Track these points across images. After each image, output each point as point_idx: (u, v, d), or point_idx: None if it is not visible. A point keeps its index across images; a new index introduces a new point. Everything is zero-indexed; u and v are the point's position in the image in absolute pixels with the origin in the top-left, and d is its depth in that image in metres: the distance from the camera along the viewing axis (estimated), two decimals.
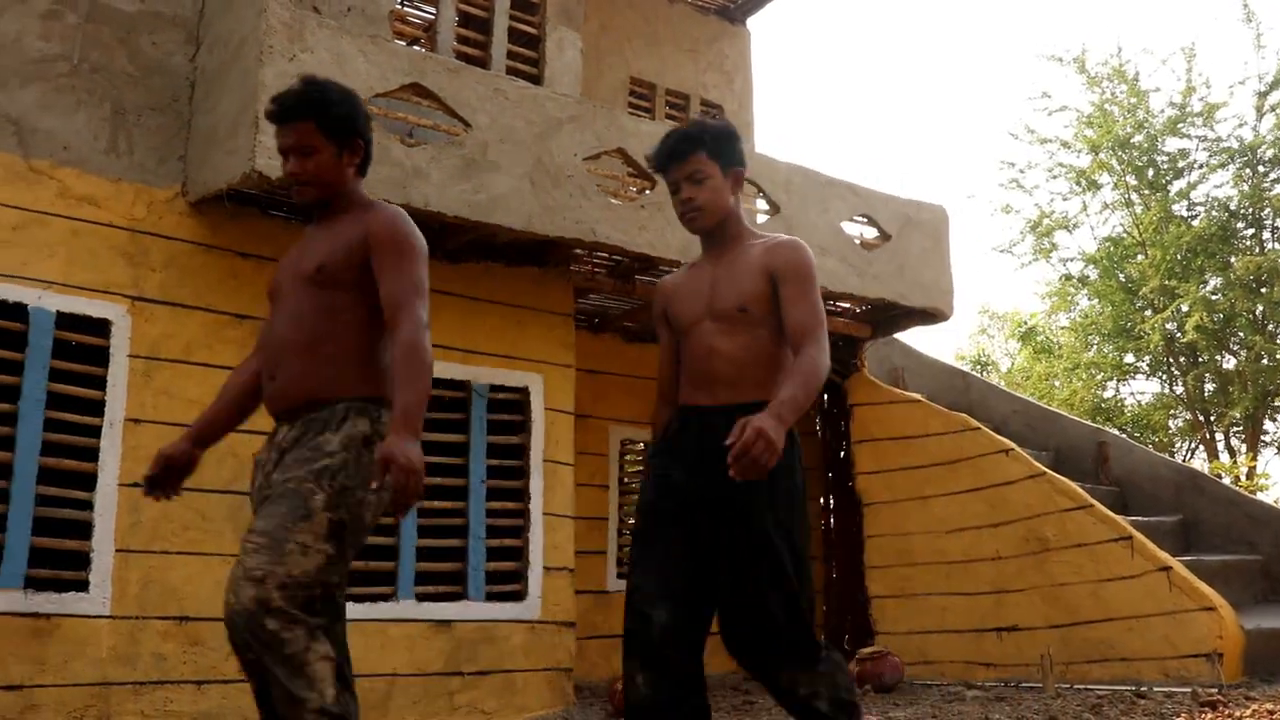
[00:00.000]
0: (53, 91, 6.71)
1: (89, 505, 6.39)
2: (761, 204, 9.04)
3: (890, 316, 10.03)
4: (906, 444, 9.73)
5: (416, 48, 8.41)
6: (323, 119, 3.64)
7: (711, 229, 3.76)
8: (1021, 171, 22.40)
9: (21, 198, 6.46)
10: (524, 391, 8.05)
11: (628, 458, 10.42)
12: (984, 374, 29.11)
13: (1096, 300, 22.21)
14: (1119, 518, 8.35)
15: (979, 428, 9.38)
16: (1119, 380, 22.87)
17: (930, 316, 9.91)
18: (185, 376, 6.77)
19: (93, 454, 6.45)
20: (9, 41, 6.61)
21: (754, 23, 12.49)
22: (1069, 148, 21.51)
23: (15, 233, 6.38)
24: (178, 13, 7.25)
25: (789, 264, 3.63)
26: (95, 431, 6.48)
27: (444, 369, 7.71)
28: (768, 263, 3.63)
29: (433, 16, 8.55)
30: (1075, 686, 7.97)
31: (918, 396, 9.94)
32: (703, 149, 3.70)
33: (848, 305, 9.99)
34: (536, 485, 7.95)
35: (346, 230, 3.50)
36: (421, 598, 7.38)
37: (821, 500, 11.10)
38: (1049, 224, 22.19)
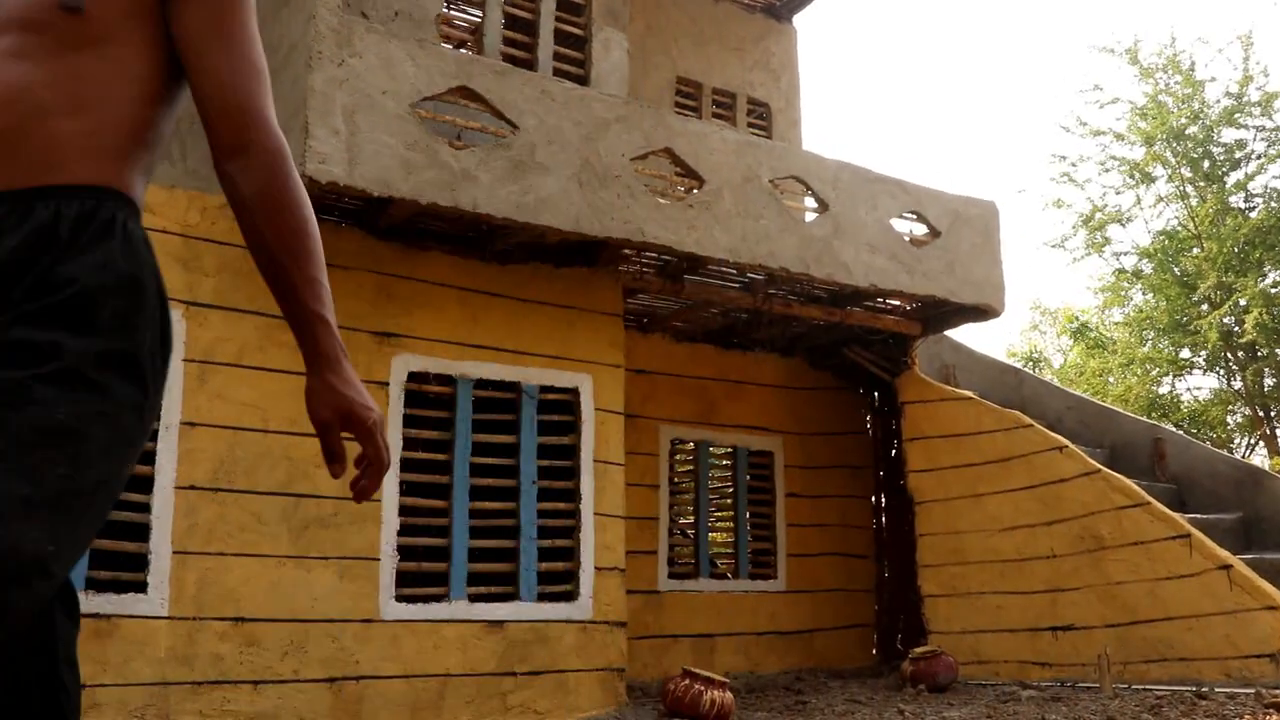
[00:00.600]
0: None
1: (146, 508, 6.49)
2: (810, 202, 9.00)
3: (941, 313, 9.96)
4: (958, 442, 9.65)
5: (463, 51, 8.46)
6: None
7: None
8: (1073, 165, 22.17)
9: None
10: (574, 392, 8.06)
11: (678, 457, 10.42)
12: (1036, 370, 28.83)
13: (1151, 295, 21.92)
14: (1177, 515, 8.23)
15: (1032, 424, 9.28)
16: (1175, 376, 22.55)
17: (981, 313, 9.82)
18: (239, 380, 6.85)
19: (149, 457, 6.55)
20: None
21: (800, 20, 12.47)
22: (1122, 140, 21.25)
23: None
24: None
25: None
26: (151, 435, 6.56)
27: (494, 370, 7.75)
28: None
29: (479, 19, 8.59)
30: (1133, 687, 7.87)
31: (969, 394, 9.86)
32: None
33: (898, 302, 9.92)
34: (587, 485, 7.96)
35: None
36: (474, 598, 7.42)
37: (873, 499, 11.05)
38: (1102, 218, 21.93)
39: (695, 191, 8.18)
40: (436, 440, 7.60)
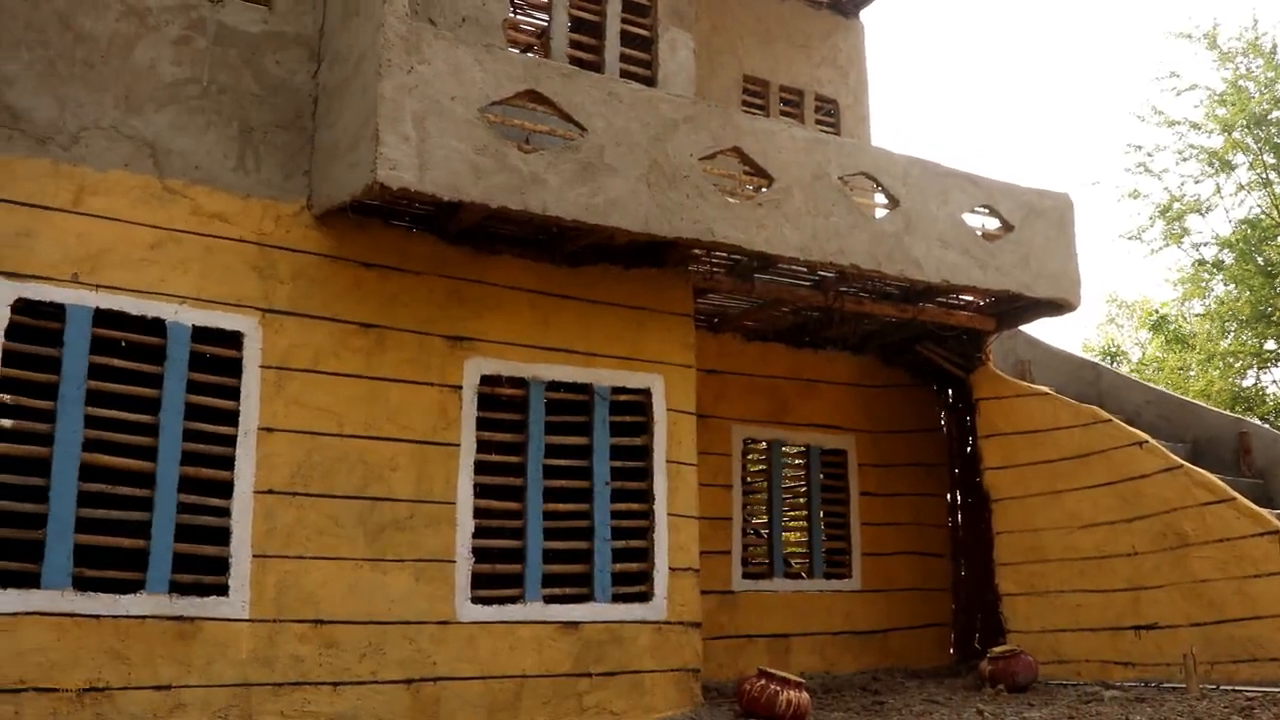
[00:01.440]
0: (184, 113, 6.94)
1: (227, 512, 6.59)
2: (880, 198, 8.92)
3: (1015, 308, 9.82)
4: (1035, 438, 9.51)
5: (530, 55, 8.49)
6: None
7: None
8: (1149, 155, 21.76)
9: (157, 217, 6.70)
10: (645, 393, 8.07)
11: (750, 457, 10.38)
12: (1113, 365, 28.34)
13: (1233, 286, 21.43)
14: (1264, 511, 8.05)
15: (1110, 420, 9.12)
16: (1259, 368, 22.02)
17: (1056, 307, 9.67)
18: (314, 385, 6.94)
19: (228, 462, 6.65)
20: (144, 69, 6.85)
21: (867, 15, 12.34)
22: (1199, 129, 20.83)
23: (153, 251, 6.61)
24: (300, 32, 7.44)
25: None
26: (230, 440, 6.68)
27: (565, 372, 7.77)
28: None
29: (545, 23, 8.62)
30: (1221, 687, 7.70)
31: (1045, 389, 9.71)
32: None
33: (971, 298, 9.80)
34: (660, 486, 7.96)
35: None
36: (549, 599, 7.45)
37: (948, 497, 10.94)
38: (1180, 208, 21.51)
39: (764, 190, 8.15)
40: (510, 443, 7.64)
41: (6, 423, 6.12)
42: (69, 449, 6.21)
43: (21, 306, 6.26)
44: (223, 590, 6.49)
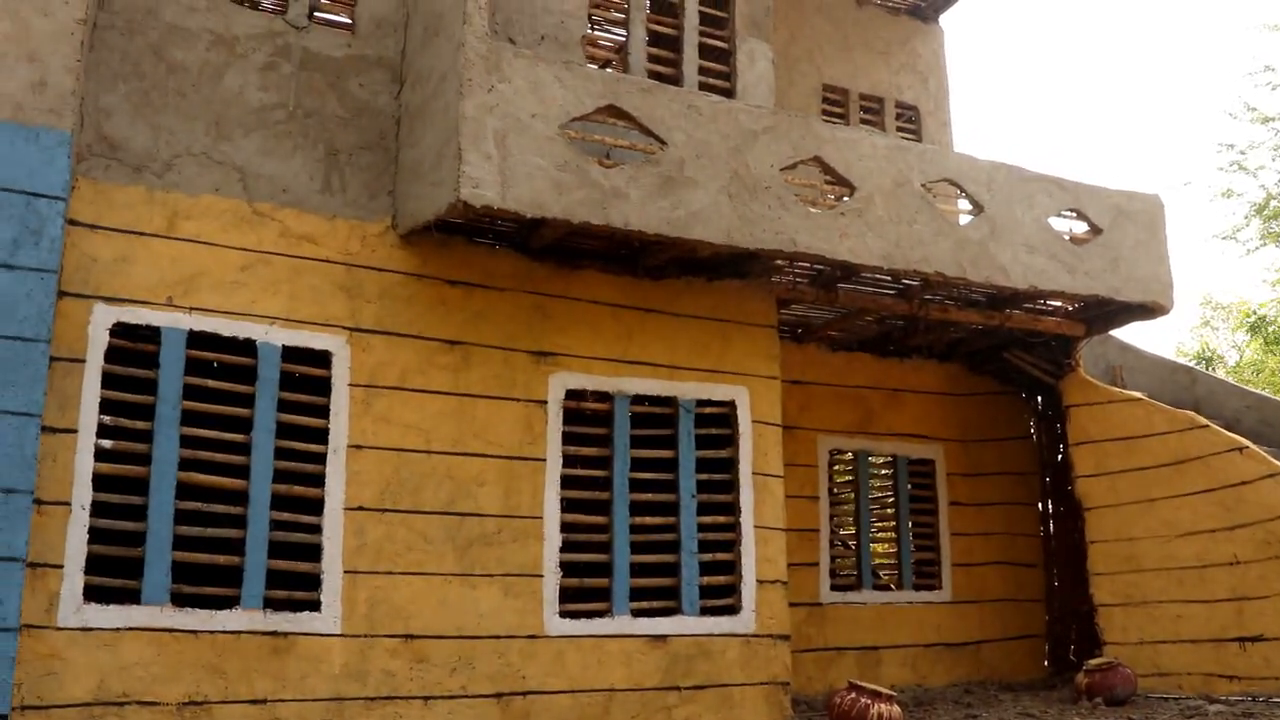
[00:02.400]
0: (272, 138, 7.08)
1: (318, 529, 6.70)
2: (964, 204, 8.81)
3: (1105, 313, 9.63)
4: (1129, 445, 9.31)
5: (609, 70, 8.53)
6: None
7: None
8: (1243, 153, 21.25)
9: (247, 240, 6.84)
10: (730, 405, 8.04)
11: (837, 467, 10.31)
12: (1209, 369, 27.67)
13: None
14: None
15: (1207, 425, 8.90)
16: None
17: (1148, 311, 9.47)
18: (402, 402, 7.02)
19: (319, 480, 6.76)
20: (232, 95, 7.01)
21: (947, 19, 12.23)
22: None
23: (243, 273, 6.74)
24: (382, 54, 7.55)
25: None
26: (320, 458, 6.78)
27: (650, 385, 7.78)
28: None
29: (623, 38, 8.66)
30: None
31: (1139, 395, 9.51)
32: None
33: (1059, 303, 9.64)
34: (746, 498, 7.93)
35: None
36: (637, 613, 7.45)
37: (1039, 506, 10.75)
38: (1277, 206, 20.95)
39: (846, 199, 8.09)
40: (595, 457, 7.66)
41: (106, 443, 6.28)
42: (166, 468, 6.35)
43: (119, 330, 6.43)
44: (315, 606, 6.59)
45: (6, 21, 6.15)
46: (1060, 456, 10.48)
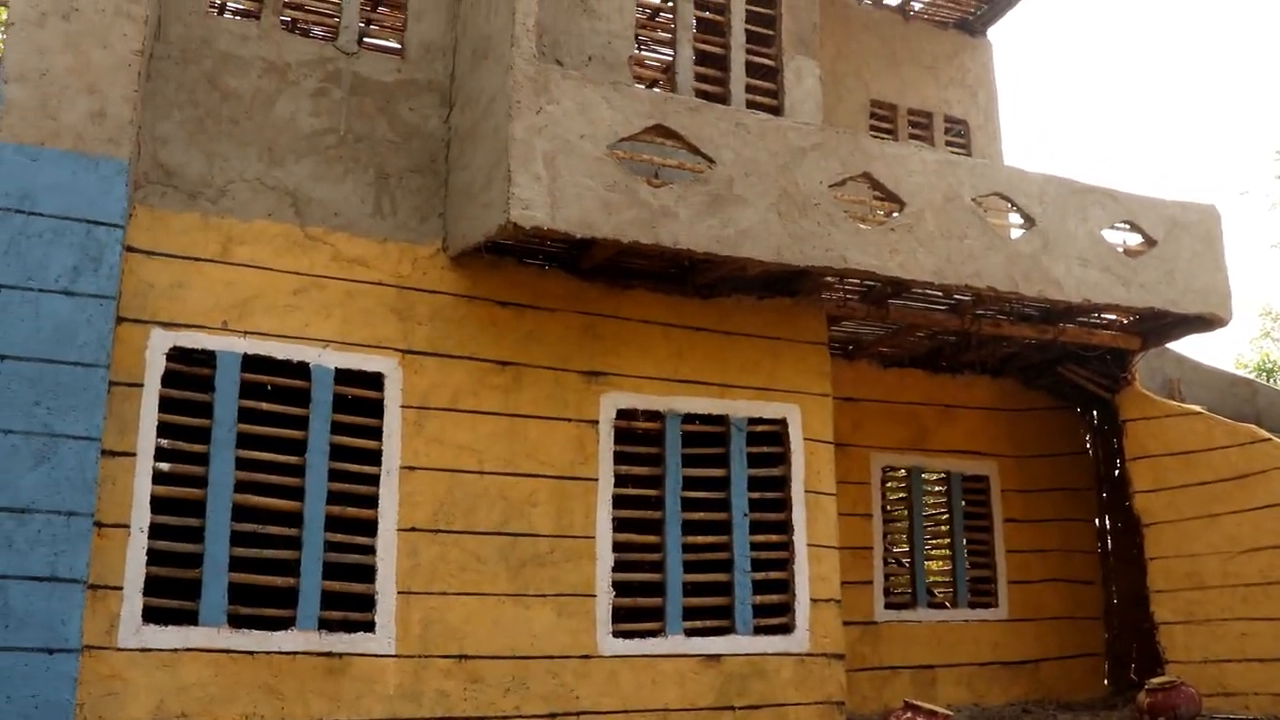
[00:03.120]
0: (323, 163, 7.16)
1: (372, 550, 6.74)
2: (1015, 218, 8.74)
3: (1161, 326, 9.51)
4: (1188, 459, 9.17)
5: (656, 90, 8.55)
6: None
7: None
8: None
9: (300, 264, 6.91)
10: (782, 423, 8.01)
11: (890, 485, 10.23)
12: (1270, 381, 27.22)
13: None
14: None
15: (1270, 438, 8.76)
16: None
17: (1206, 323, 9.33)
18: (454, 424, 7.05)
19: (372, 501, 6.80)
20: (284, 121, 7.10)
21: (995, 32, 12.14)
22: None
23: (296, 296, 6.81)
24: (431, 78, 7.62)
25: None
26: (374, 480, 6.83)
27: (701, 404, 7.77)
28: None
29: (670, 57, 8.68)
30: None
31: (1197, 408, 9.37)
32: None
33: (1113, 316, 9.53)
34: (799, 516, 7.89)
35: None
36: (690, 633, 7.42)
37: (1096, 522, 10.61)
38: None
39: (896, 215, 8.05)
40: (647, 476, 7.66)
41: (164, 466, 6.36)
42: (222, 490, 6.42)
43: (176, 354, 6.51)
44: (369, 627, 6.63)
45: (68, 55, 6.28)
46: (1117, 472, 10.35)
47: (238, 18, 8.07)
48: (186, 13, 7.04)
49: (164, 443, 6.37)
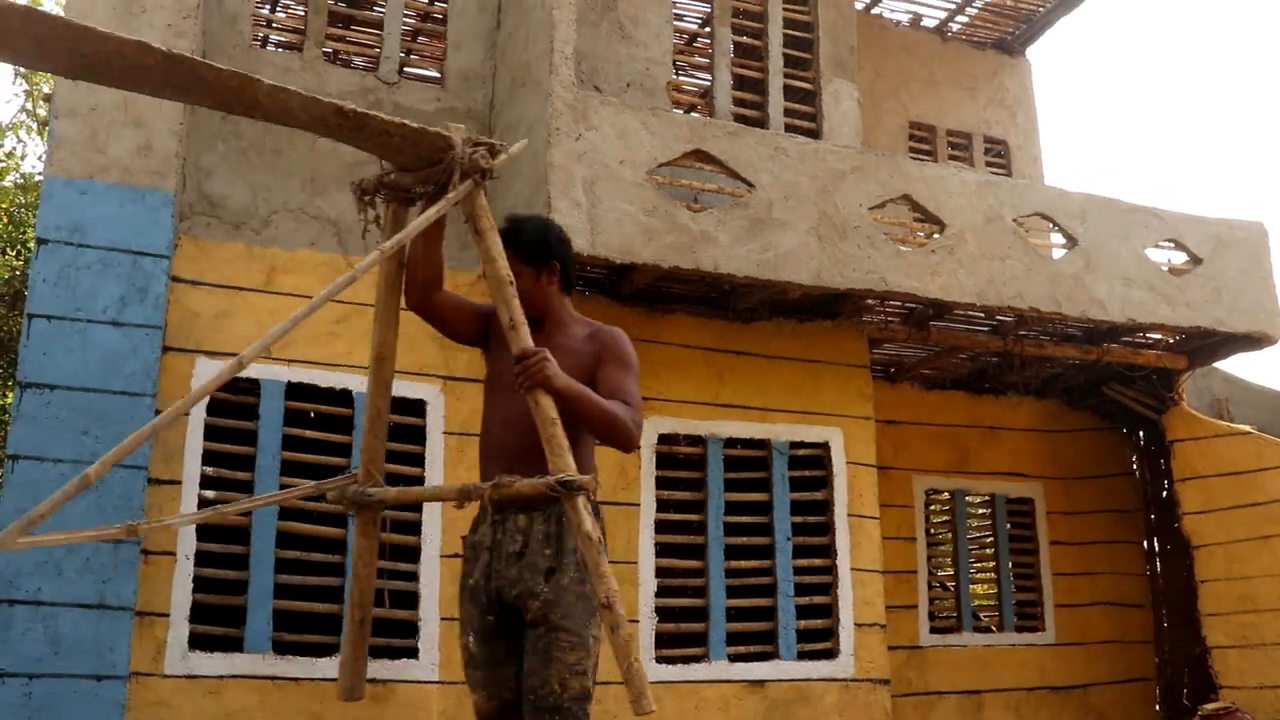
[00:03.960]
0: None
1: (415, 576, 6.75)
2: (1058, 238, 8.68)
3: (1208, 345, 9.39)
4: (1238, 480, 9.04)
5: (695, 115, 8.57)
6: (518, 248, 3.98)
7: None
8: None
9: (343, 292, 6.93)
10: (824, 446, 7.98)
11: (933, 508, 10.16)
12: None
13: None
14: None
15: None
16: None
17: (1254, 341, 9.21)
18: None
19: (415, 527, 6.82)
20: (327, 152, 7.17)
21: (1034, 52, 12.08)
22: None
23: (339, 324, 6.87)
24: (471, 106, 7.68)
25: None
26: (416, 506, 6.85)
27: (743, 428, 7.75)
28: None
29: (708, 82, 8.71)
30: None
31: (1247, 428, 9.24)
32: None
33: (1159, 336, 9.43)
34: (842, 540, 7.84)
35: (579, 350, 3.81)
36: (734, 658, 7.38)
37: (1145, 544, 10.48)
38: None
39: (937, 236, 8.02)
40: (689, 501, 7.64)
41: (209, 494, 6.41)
42: (267, 517, 6.47)
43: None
44: (413, 653, 6.64)
45: (116, 90, 6.37)
46: (1165, 493, 10.21)
47: (281, 50, 8.18)
48: (231, 46, 7.15)
49: (209, 470, 6.43)
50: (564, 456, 3.37)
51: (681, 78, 9.14)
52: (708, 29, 8.75)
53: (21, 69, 13.75)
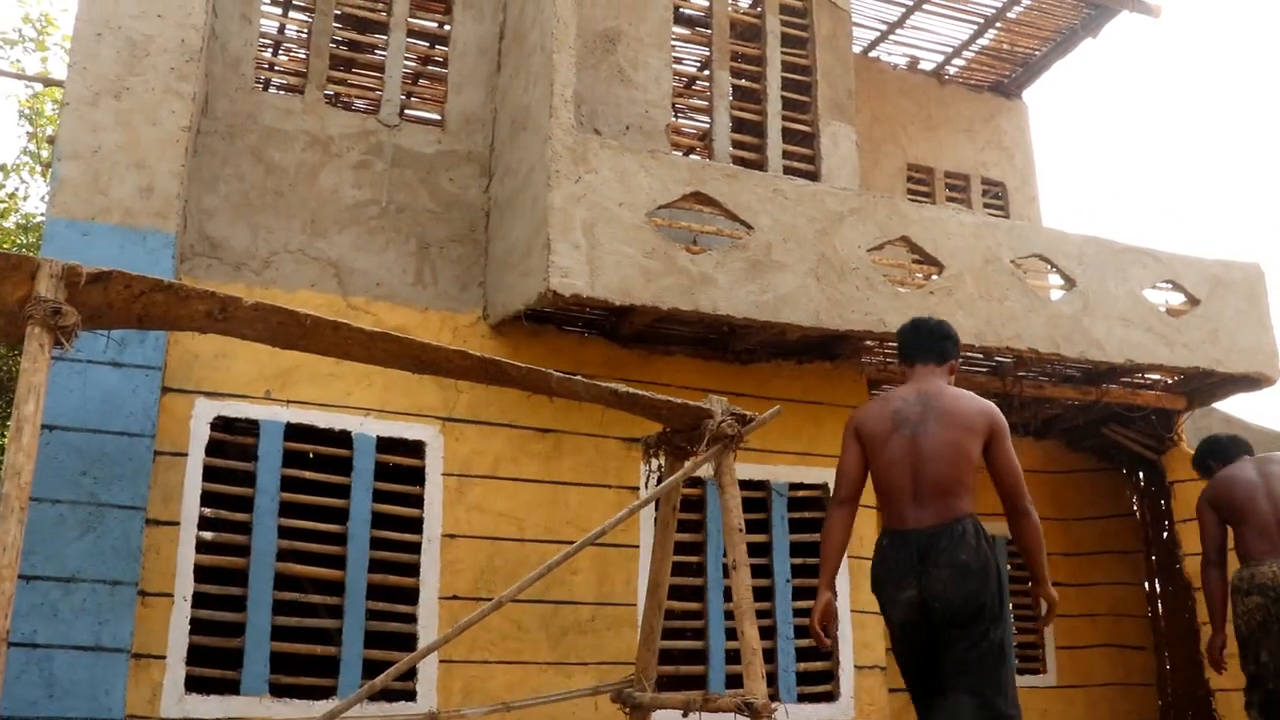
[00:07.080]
0: (365, 233, 7.26)
1: (413, 618, 6.73)
2: (1056, 279, 8.70)
3: (1207, 385, 9.40)
4: None
5: (694, 157, 8.62)
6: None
7: None
8: None
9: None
10: (823, 488, 7.97)
11: None
12: None
13: None
14: None
15: None
16: None
17: (1253, 382, 9.22)
18: (495, 491, 7.07)
19: (414, 569, 6.80)
20: (328, 193, 7.22)
21: (1030, 95, 12.16)
22: None
23: (339, 365, 6.87)
24: (471, 149, 7.73)
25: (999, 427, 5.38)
26: (415, 548, 6.84)
27: (742, 469, 7.67)
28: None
29: (707, 124, 8.76)
30: None
31: None
32: (953, 356, 5.37)
33: (1157, 376, 9.44)
34: (842, 582, 7.81)
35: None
36: None
37: (1146, 585, 10.43)
38: None
39: (935, 278, 8.05)
40: (689, 542, 7.62)
41: (208, 535, 6.40)
42: (264, 559, 6.45)
43: (220, 424, 6.58)
44: (410, 696, 6.60)
45: (119, 132, 6.42)
46: (1166, 534, 10.19)
47: (282, 93, 8.25)
48: (233, 89, 7.20)
49: (207, 511, 6.42)
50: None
51: (681, 120, 9.19)
52: (707, 72, 8.81)
53: (25, 111, 13.83)
